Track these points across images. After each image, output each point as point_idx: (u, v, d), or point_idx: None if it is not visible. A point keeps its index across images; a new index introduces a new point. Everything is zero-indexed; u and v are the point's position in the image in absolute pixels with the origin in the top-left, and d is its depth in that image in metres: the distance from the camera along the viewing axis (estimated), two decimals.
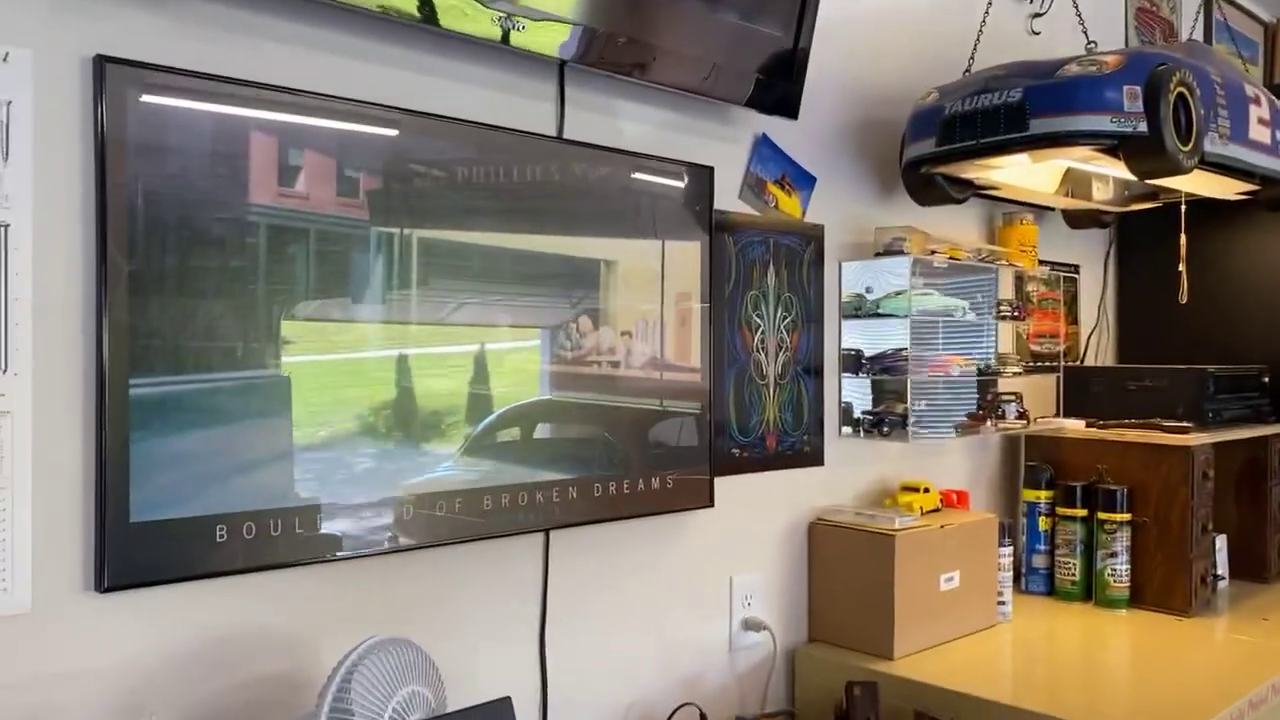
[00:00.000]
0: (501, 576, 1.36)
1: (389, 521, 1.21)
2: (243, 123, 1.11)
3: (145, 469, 1.04)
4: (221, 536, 1.09)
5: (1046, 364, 2.31)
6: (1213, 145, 1.66)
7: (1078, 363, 2.48)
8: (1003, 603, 1.89)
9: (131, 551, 1.03)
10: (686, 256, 1.57)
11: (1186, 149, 1.57)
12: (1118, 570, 1.99)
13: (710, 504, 1.59)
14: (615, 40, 1.39)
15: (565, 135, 1.43)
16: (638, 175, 1.49)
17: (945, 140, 1.68)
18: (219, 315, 1.10)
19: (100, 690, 1.02)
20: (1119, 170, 1.81)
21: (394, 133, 1.23)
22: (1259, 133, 1.79)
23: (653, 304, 1.52)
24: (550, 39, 1.32)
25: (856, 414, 1.87)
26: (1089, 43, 1.83)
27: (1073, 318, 2.48)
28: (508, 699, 1.10)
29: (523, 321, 1.36)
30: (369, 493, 1.20)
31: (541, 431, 1.39)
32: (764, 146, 1.71)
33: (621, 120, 1.51)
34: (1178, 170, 1.56)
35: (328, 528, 1.16)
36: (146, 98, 1.05)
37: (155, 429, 1.05)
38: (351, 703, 0.99)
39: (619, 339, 1.47)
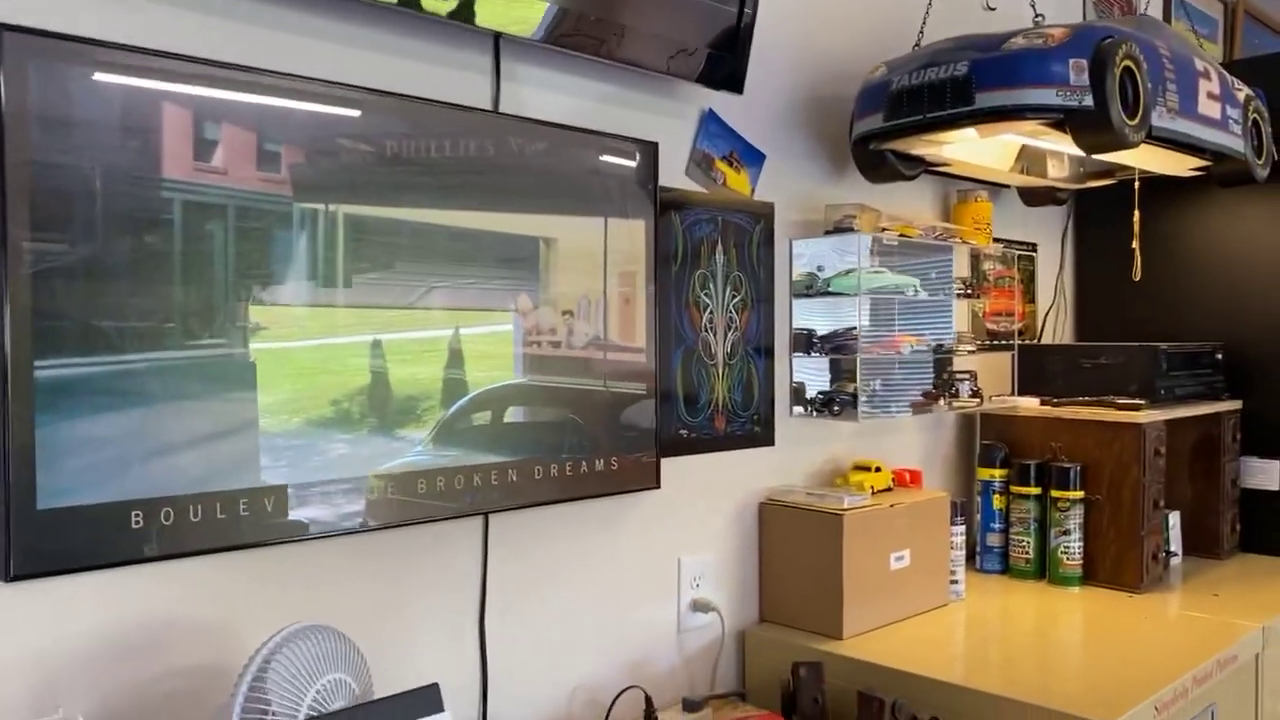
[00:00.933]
0: (438, 563, 1.34)
1: (316, 508, 1.19)
2: (154, 95, 1.07)
3: (53, 453, 1.00)
4: (137, 523, 1.06)
5: (1002, 342, 2.31)
6: (1160, 120, 1.64)
7: (1035, 341, 2.48)
8: (955, 582, 1.89)
9: (39, 539, 1.00)
10: (631, 234, 1.54)
11: (1133, 123, 1.56)
12: (1070, 548, 1.99)
13: (657, 485, 1.57)
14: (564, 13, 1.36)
15: (501, 109, 1.40)
16: (577, 151, 1.46)
17: (893, 115, 1.65)
18: (131, 295, 1.06)
19: (8, 682, 0.99)
20: (1071, 147, 1.80)
21: (317, 106, 1.19)
22: (1208, 107, 1.78)
23: (595, 283, 1.49)
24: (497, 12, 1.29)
25: (808, 394, 1.86)
26: (1036, 15, 1.81)
27: (1030, 296, 2.48)
28: (435, 685, 1.07)
29: (457, 302, 1.32)
30: (295, 476, 1.17)
31: (478, 415, 1.36)
32: (711, 123, 1.69)
33: (561, 94, 1.48)
34: (1124, 144, 1.54)
35: (250, 514, 1.13)
36: (50, 68, 1.01)
37: (64, 412, 1.01)
38: (268, 692, 0.96)
39: (559, 318, 1.45)
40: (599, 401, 1.49)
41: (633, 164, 1.53)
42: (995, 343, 2.29)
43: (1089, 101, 1.51)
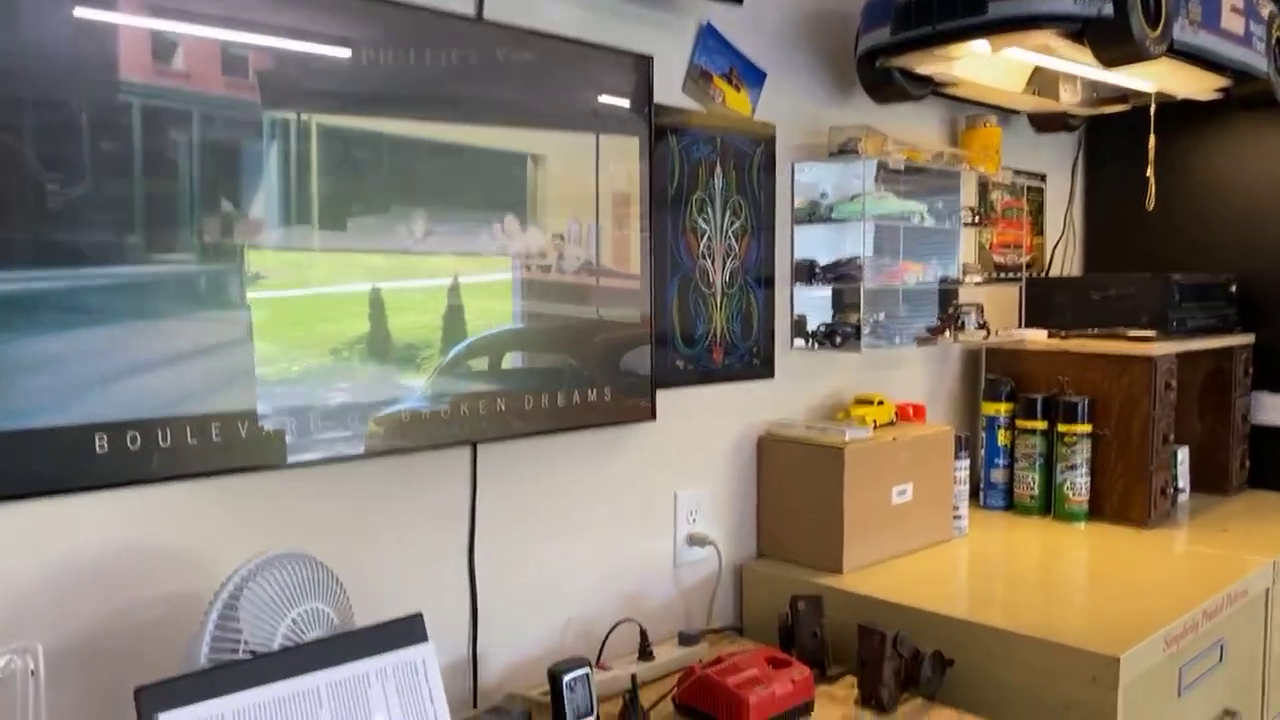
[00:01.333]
0: (424, 494, 1.29)
1: (293, 435, 1.13)
2: None
3: (8, 373, 0.95)
4: (102, 447, 1.00)
5: (1010, 275, 2.24)
6: (1182, 33, 1.56)
7: (1042, 275, 2.41)
8: (958, 517, 1.84)
9: None
10: (624, 154, 1.47)
11: (1154, 34, 1.47)
12: (1077, 484, 1.94)
13: (652, 417, 1.51)
14: None
15: (485, 17, 1.32)
16: (567, 63, 1.38)
17: (900, 28, 1.57)
18: (92, 206, 0.99)
19: None
20: (1086, 65, 1.72)
21: (288, 8, 1.11)
22: (1231, 22, 1.69)
23: (587, 205, 1.42)
24: None
25: (809, 326, 1.79)
26: None
27: (1039, 229, 2.40)
28: (419, 615, 1.03)
29: (440, 221, 1.26)
30: (271, 402, 1.11)
31: (475, 360, 1.30)
32: (709, 37, 1.60)
33: (549, 2, 1.39)
34: (1144, 56, 1.46)
35: (223, 440, 1.08)
36: None
37: (18, 329, 0.95)
38: (239, 620, 0.92)
39: (549, 242, 1.38)
40: (591, 330, 1.43)
41: (626, 78, 1.46)
42: (1002, 276, 2.22)
43: (1109, 10, 1.43)
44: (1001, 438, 2.04)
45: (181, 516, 1.07)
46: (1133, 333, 1.98)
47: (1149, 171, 2.05)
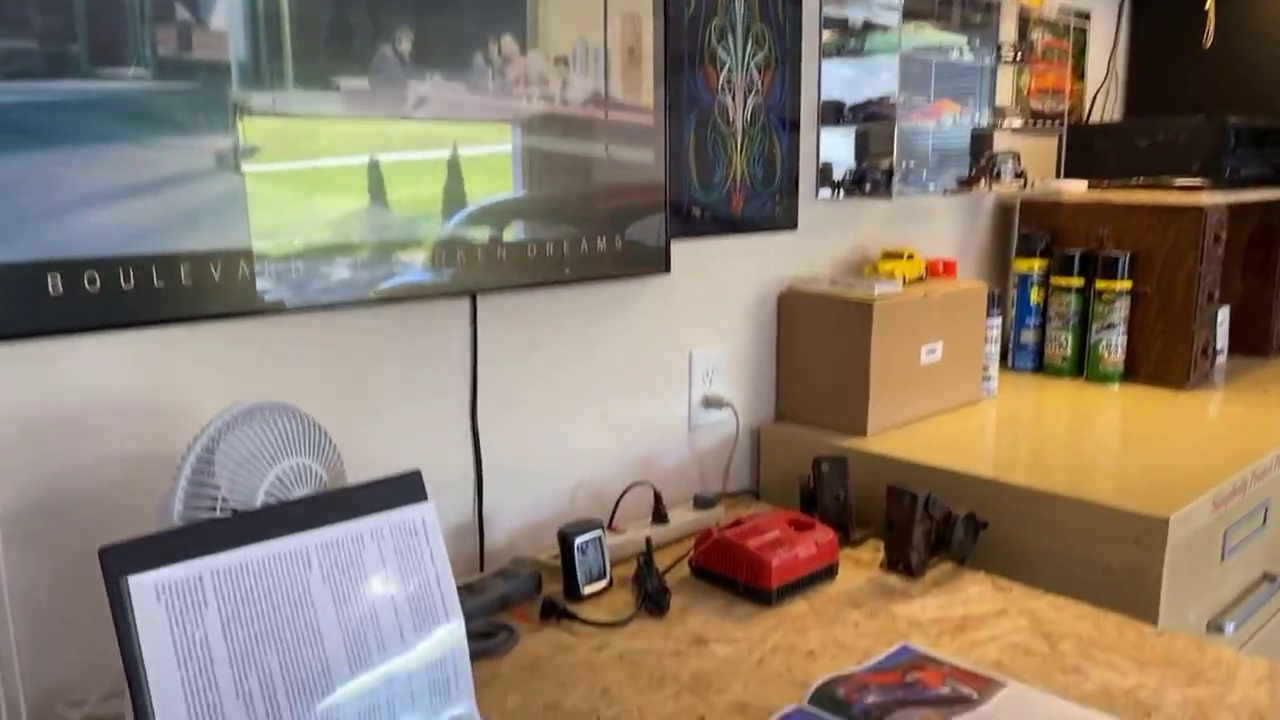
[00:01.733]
0: (420, 347, 1.18)
1: (269, 280, 1.02)
2: None
3: None
4: (55, 288, 0.89)
5: (1049, 123, 2.08)
6: None
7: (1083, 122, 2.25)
8: (988, 378, 1.75)
9: None
10: None
11: None
12: (1113, 343, 1.84)
13: (666, 269, 1.40)
14: None
15: None
16: None
17: None
18: (24, 5, 0.85)
19: None
20: None
21: None
22: None
23: (594, 26, 1.27)
24: None
25: (835, 175, 1.66)
26: None
27: (1079, 73, 2.23)
28: (417, 472, 0.94)
29: (428, 40, 1.11)
30: (242, 237, 0.99)
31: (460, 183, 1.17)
32: None
33: None
34: None
35: (197, 281, 0.97)
36: None
37: None
38: (216, 476, 0.83)
39: (551, 67, 1.23)
40: (600, 170, 1.29)
41: None
42: (1041, 123, 2.06)
43: None
44: (1034, 296, 1.92)
45: (151, 368, 0.97)
46: (1181, 181, 1.84)
47: (1208, 3, 1.87)
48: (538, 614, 1.13)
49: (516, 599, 1.15)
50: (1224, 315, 2.03)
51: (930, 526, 1.25)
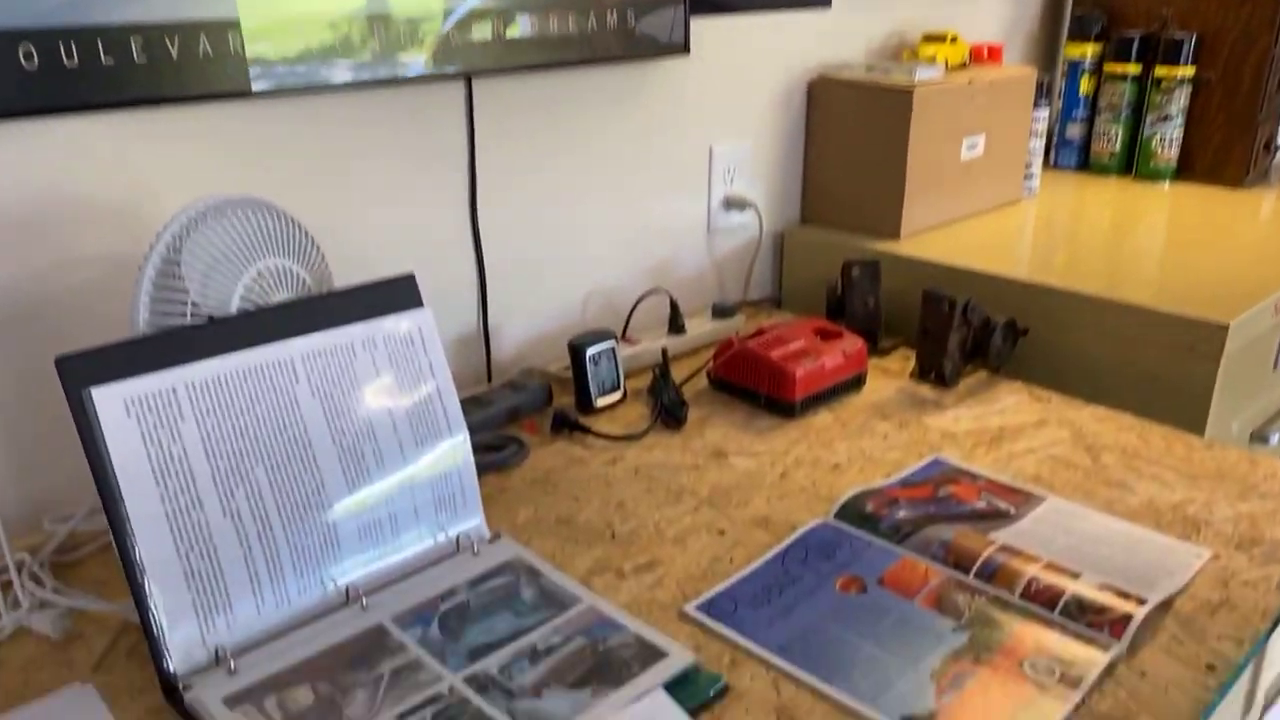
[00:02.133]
0: (409, 139, 1.07)
1: (250, 61, 0.89)
2: None
3: None
4: (30, 61, 0.77)
5: None
6: None
7: None
8: (1029, 176, 1.62)
9: None
10: None
11: None
12: (1168, 137, 1.70)
13: (685, 51, 1.25)
14: None
15: None
16: None
17: None
18: None
19: None
20: None
21: None
22: None
23: None
24: None
25: None
26: None
27: None
28: (410, 276, 0.85)
29: None
30: (215, 9, 0.86)
31: None
32: None
33: None
34: None
35: (172, 58, 0.85)
36: None
37: None
38: (183, 278, 0.74)
39: None
40: None
41: None
42: None
43: None
44: (1084, 86, 1.76)
45: (119, 161, 0.86)
46: None
47: None
48: (549, 427, 1.07)
49: (526, 411, 1.09)
50: None
51: (967, 333, 1.17)
